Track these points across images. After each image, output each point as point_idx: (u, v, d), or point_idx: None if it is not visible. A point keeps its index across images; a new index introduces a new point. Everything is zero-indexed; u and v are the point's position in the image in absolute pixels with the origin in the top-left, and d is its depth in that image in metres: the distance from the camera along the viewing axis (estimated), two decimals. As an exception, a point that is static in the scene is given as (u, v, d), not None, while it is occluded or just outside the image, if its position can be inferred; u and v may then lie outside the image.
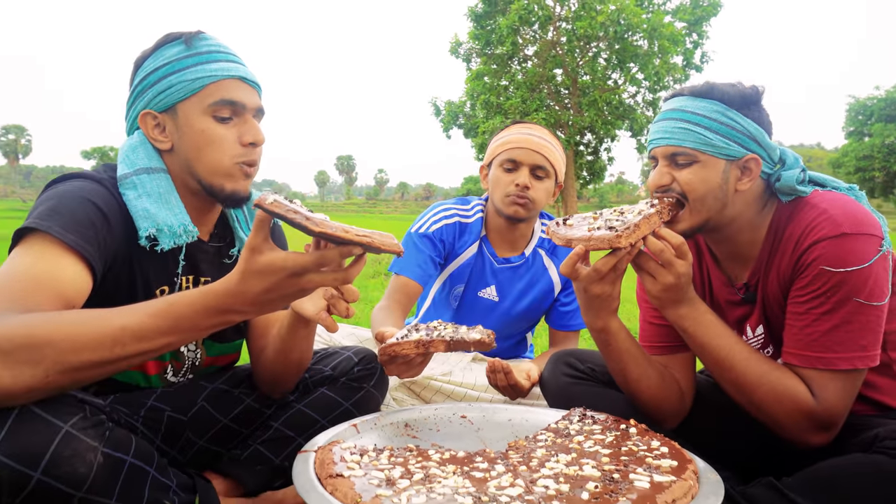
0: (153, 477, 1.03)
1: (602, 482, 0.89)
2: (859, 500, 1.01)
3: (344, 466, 0.94)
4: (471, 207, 1.96)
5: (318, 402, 1.38)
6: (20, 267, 0.97)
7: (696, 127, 1.20)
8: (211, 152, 1.17)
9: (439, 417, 1.29)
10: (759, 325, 1.30)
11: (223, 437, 1.35)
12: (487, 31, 22.28)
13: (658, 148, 1.25)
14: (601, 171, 24.65)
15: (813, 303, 1.14)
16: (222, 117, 1.18)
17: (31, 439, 0.86)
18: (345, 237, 0.86)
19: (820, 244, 1.13)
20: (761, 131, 1.21)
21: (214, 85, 1.17)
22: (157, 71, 1.18)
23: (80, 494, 0.90)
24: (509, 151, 1.82)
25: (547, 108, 21.96)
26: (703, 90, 1.22)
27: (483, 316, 1.93)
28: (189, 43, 1.18)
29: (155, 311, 0.91)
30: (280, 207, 0.85)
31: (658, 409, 1.29)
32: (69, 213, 1.04)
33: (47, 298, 0.94)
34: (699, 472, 0.97)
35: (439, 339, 1.21)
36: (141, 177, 1.16)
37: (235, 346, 1.42)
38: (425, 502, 0.82)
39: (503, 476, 0.92)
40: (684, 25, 21.66)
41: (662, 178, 1.23)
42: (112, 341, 0.88)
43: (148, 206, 1.14)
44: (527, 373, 1.64)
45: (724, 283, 1.34)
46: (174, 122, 1.19)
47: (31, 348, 0.83)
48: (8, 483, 0.86)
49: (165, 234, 1.15)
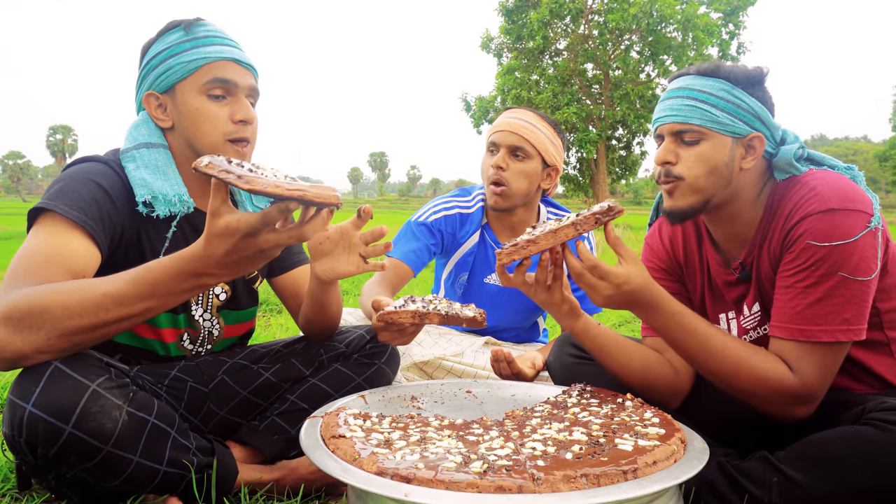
0: (174, 438, 1.11)
1: (587, 445, 0.94)
2: (846, 469, 1.03)
3: (347, 429, 1.01)
4: (472, 198, 2.01)
5: (332, 377, 1.45)
6: (33, 245, 1.08)
7: (703, 104, 1.22)
8: (205, 128, 1.27)
9: (445, 392, 1.35)
10: (755, 304, 1.32)
11: (242, 408, 1.43)
12: (518, 26, 22.16)
13: (664, 125, 1.27)
14: (634, 165, 24.31)
15: (798, 276, 1.16)
16: (216, 95, 1.27)
17: (63, 395, 0.96)
18: (274, 192, 0.87)
19: (807, 219, 1.15)
20: (765, 110, 1.23)
21: (208, 66, 1.27)
22: (159, 55, 1.28)
23: (108, 448, 1.00)
24: (492, 136, 1.89)
25: (578, 102, 21.75)
26: (710, 69, 1.25)
27: (489, 301, 1.98)
28: (188, 29, 1.28)
29: (133, 277, 0.99)
30: (213, 168, 0.90)
31: (649, 394, 1.32)
32: (74, 193, 1.15)
33: (57, 272, 1.04)
34: (686, 440, 1.01)
35: (434, 312, 1.27)
36: (140, 151, 1.27)
37: (250, 314, 1.51)
38: (418, 459, 0.88)
39: (495, 440, 0.98)
40: (720, 16, 21.16)
41: (668, 154, 1.26)
42: (96, 307, 0.97)
43: (145, 175, 1.24)
44: (531, 361, 1.69)
45: (720, 263, 1.37)
46: (173, 101, 1.29)
47: (32, 315, 0.95)
48: (44, 435, 0.96)
49: (160, 201, 1.25)
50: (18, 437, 0.97)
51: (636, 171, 25.26)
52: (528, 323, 2.10)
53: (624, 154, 24.09)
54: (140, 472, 1.06)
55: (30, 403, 0.96)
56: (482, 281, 2.00)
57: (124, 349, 1.33)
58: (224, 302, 1.43)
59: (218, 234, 0.95)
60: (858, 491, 1.03)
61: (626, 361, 1.31)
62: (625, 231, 12.43)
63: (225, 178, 0.89)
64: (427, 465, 0.86)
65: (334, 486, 1.36)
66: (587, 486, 0.81)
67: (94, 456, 1.00)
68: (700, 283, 1.43)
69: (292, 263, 1.52)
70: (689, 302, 1.49)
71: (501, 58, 23.39)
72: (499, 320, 2.02)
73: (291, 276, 1.52)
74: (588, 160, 22.33)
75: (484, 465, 0.85)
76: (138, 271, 1.00)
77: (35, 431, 0.96)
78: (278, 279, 1.53)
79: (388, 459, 0.88)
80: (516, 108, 1.92)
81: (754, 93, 1.23)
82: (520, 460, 0.88)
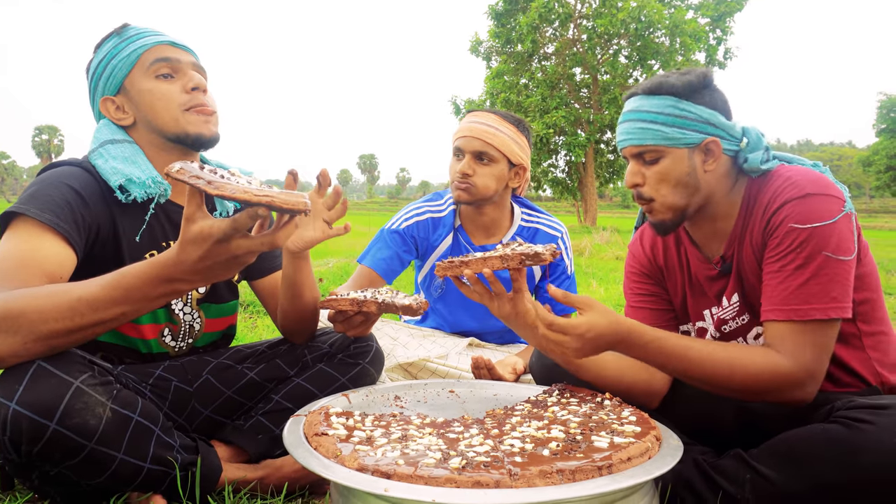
0: (158, 436, 1.12)
1: (564, 443, 0.96)
2: (815, 466, 1.06)
3: (329, 427, 1.02)
4: (444, 202, 2.05)
5: (316, 377, 1.46)
6: (6, 251, 1.09)
7: (652, 124, 1.27)
8: (160, 105, 1.31)
9: (428, 391, 1.37)
10: (734, 294, 1.36)
11: (227, 408, 1.44)
12: (508, 30, 22.27)
13: (625, 149, 1.33)
14: (622, 169, 24.46)
15: (785, 259, 1.20)
16: (163, 74, 1.32)
17: (47, 393, 0.97)
18: (242, 198, 0.88)
19: (787, 205, 1.20)
20: (714, 113, 1.27)
21: (147, 51, 1.32)
22: (101, 62, 1.34)
23: (91, 445, 1.00)
24: (456, 141, 1.92)
25: (567, 106, 21.88)
26: (653, 87, 1.29)
27: (468, 302, 2.01)
28: (119, 32, 1.35)
29: (107, 282, 1.00)
30: (184, 174, 0.91)
31: (626, 398, 1.33)
32: (46, 197, 1.17)
33: (32, 275, 1.06)
34: (661, 437, 1.03)
35: (371, 300, 1.32)
36: (106, 147, 1.31)
37: (232, 307, 1.53)
38: (399, 456, 0.90)
39: (475, 437, 1.00)
40: (707, 21, 21.40)
41: (635, 177, 1.32)
42: (71, 311, 0.98)
43: (115, 164, 1.28)
44: (512, 367, 1.71)
45: (701, 260, 1.40)
46: (127, 96, 1.33)
47: (7, 319, 0.96)
48: (28, 432, 0.96)
49: (135, 184, 1.27)
50: (2, 435, 0.98)
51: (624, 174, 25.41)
52: None
53: (612, 158, 24.24)
54: (124, 469, 1.07)
55: (13, 401, 0.96)
56: (461, 278, 2.02)
57: (106, 347, 1.34)
58: (204, 295, 1.45)
59: (191, 239, 0.96)
60: (827, 487, 1.06)
61: (599, 372, 1.33)
62: (612, 234, 12.49)
63: (195, 183, 0.90)
64: (407, 461, 0.88)
65: (318, 485, 1.37)
66: (562, 482, 0.83)
67: (78, 453, 1.00)
68: (681, 283, 1.47)
69: (273, 267, 1.54)
70: (669, 304, 1.52)
71: (490, 61, 23.49)
72: (480, 321, 2.05)
73: (272, 280, 1.54)
74: (577, 164, 22.45)
75: (462, 462, 0.87)
76: (113, 276, 1.01)
77: (19, 429, 0.96)
78: (259, 282, 1.55)
79: (369, 456, 0.90)
80: (478, 112, 1.95)
81: (700, 99, 1.27)
82: (498, 457, 0.90)
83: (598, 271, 6.82)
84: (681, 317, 1.50)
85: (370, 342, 1.53)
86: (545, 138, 20.55)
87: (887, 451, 0.99)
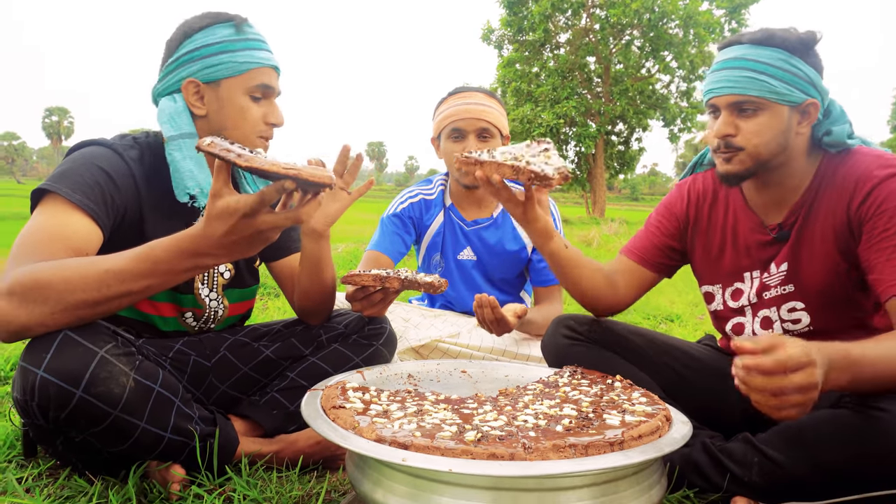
0: (178, 407, 1.15)
1: (577, 420, 0.98)
2: (822, 450, 1.08)
3: (346, 401, 1.05)
4: (433, 185, 2.13)
5: (331, 356, 1.49)
6: (36, 225, 1.12)
7: (761, 75, 1.23)
8: (243, 125, 1.34)
9: (441, 371, 1.39)
10: (783, 263, 1.36)
11: (243, 383, 1.47)
12: (520, 18, 22.12)
13: (721, 97, 1.28)
14: (632, 161, 24.37)
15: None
16: (256, 97, 1.35)
17: (73, 361, 1.00)
18: (270, 169, 0.91)
19: (888, 181, 1.20)
20: (818, 76, 1.26)
21: (256, 70, 1.33)
22: (209, 47, 1.31)
23: (116, 413, 1.04)
24: (454, 122, 1.93)
25: (578, 96, 21.76)
26: (763, 38, 1.25)
27: (467, 276, 2.07)
28: (239, 28, 1.33)
29: (135, 255, 1.03)
30: (215, 147, 0.94)
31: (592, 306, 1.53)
32: (77, 176, 1.19)
33: (59, 249, 1.08)
34: (671, 417, 1.05)
35: (394, 277, 1.34)
36: (186, 140, 1.31)
37: (252, 292, 1.55)
38: (415, 429, 0.92)
39: (489, 413, 1.02)
40: (722, 12, 21.16)
41: (728, 127, 1.28)
42: (98, 283, 1.01)
43: (192, 167, 1.29)
44: (513, 310, 1.75)
45: (756, 223, 1.40)
46: (216, 93, 1.33)
47: (36, 290, 0.99)
48: (55, 398, 1.00)
49: (203, 195, 1.30)
50: (31, 400, 1.01)
51: (634, 166, 25.31)
52: (513, 296, 2.15)
53: (622, 149, 24.13)
54: (146, 438, 1.10)
55: (41, 369, 0.99)
56: (456, 258, 2.09)
57: (126, 322, 1.37)
58: (229, 280, 1.47)
59: (217, 214, 0.98)
60: (835, 471, 1.07)
61: (576, 280, 1.49)
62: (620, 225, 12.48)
63: (225, 156, 0.93)
64: (424, 433, 0.90)
65: (331, 460, 1.40)
66: (575, 456, 0.85)
67: (102, 420, 1.04)
68: (719, 242, 1.47)
69: (290, 248, 1.56)
70: (682, 257, 1.55)
71: (502, 50, 23.35)
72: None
73: (290, 261, 1.56)
74: (586, 155, 22.35)
75: (478, 435, 0.89)
76: (140, 250, 1.03)
77: (47, 395, 1.00)
78: (276, 264, 1.56)
79: (387, 428, 0.92)
80: (465, 93, 1.98)
81: (808, 59, 1.25)
82: (512, 431, 0.92)
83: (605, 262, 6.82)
84: (704, 276, 1.51)
85: (384, 324, 1.55)
86: (555, 128, 20.46)
87: None
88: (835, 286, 1.30)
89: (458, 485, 0.85)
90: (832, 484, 1.08)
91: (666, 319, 3.73)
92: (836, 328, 1.33)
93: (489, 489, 0.84)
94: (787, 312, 1.37)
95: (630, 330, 1.56)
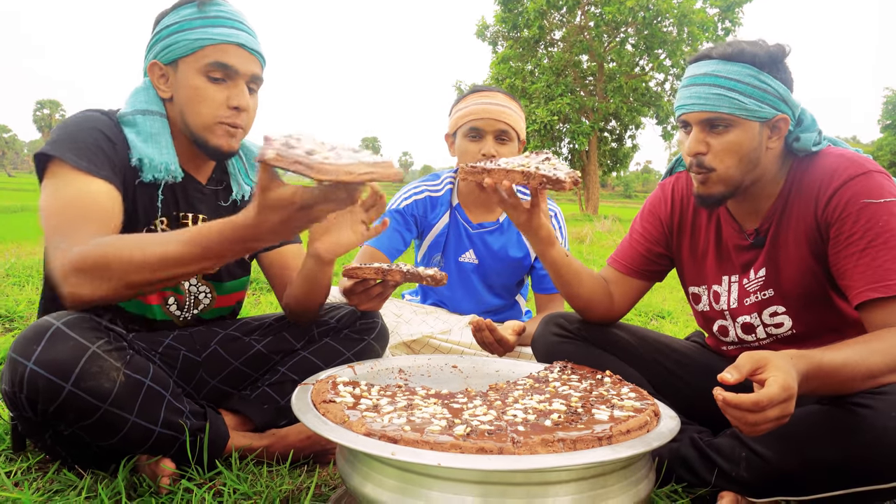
0: (168, 401, 1.15)
1: (566, 415, 0.98)
2: (809, 445, 1.09)
3: (336, 395, 1.05)
4: (440, 181, 2.07)
5: (322, 351, 1.49)
6: (61, 196, 1.13)
7: (731, 92, 1.23)
8: (198, 108, 1.30)
9: (431, 366, 1.39)
10: (762, 269, 1.36)
11: (234, 378, 1.47)
12: (515, 15, 22.11)
13: (692, 114, 1.27)
14: (625, 158, 24.43)
15: (869, 236, 1.17)
16: (214, 78, 1.29)
17: (63, 355, 1.00)
18: (347, 179, 0.89)
19: (851, 182, 1.19)
20: (788, 90, 1.25)
21: (213, 47, 1.28)
22: (169, 27, 1.30)
23: (105, 407, 1.04)
24: (472, 122, 1.90)
25: (572, 93, 21.77)
26: (733, 53, 1.24)
27: (466, 279, 2.04)
28: (201, 6, 1.30)
29: (187, 239, 1.05)
30: (282, 161, 0.90)
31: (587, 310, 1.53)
32: (83, 143, 1.20)
33: (96, 220, 1.12)
34: (660, 412, 1.06)
35: (396, 270, 1.34)
36: (136, 117, 1.31)
37: (243, 283, 1.55)
38: (405, 423, 0.93)
39: (479, 408, 1.02)
40: (716, 11, 21.23)
41: (699, 145, 1.27)
42: (156, 265, 1.06)
43: (137, 143, 1.29)
44: (512, 328, 1.74)
45: (735, 229, 1.41)
46: (175, 75, 1.32)
47: (101, 269, 1.04)
48: (44, 391, 0.99)
49: (146, 167, 1.29)
50: (19, 392, 1.01)
51: (627, 164, 25.37)
52: (509, 301, 2.14)
53: (615, 147, 24.18)
54: (135, 432, 1.10)
55: (31, 361, 0.99)
56: (457, 260, 2.06)
57: (113, 311, 1.36)
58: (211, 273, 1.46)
59: (272, 206, 0.98)
60: (822, 466, 1.08)
61: (576, 290, 1.50)
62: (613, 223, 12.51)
63: (296, 169, 0.90)
64: (413, 427, 0.90)
65: (322, 454, 1.41)
66: (564, 450, 0.86)
67: (92, 414, 1.03)
68: (703, 243, 1.47)
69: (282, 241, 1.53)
70: (670, 262, 1.55)
71: (496, 46, 23.34)
72: (478, 302, 2.07)
73: (280, 254, 1.54)
74: (580, 152, 22.38)
75: (467, 429, 0.89)
76: (191, 234, 1.06)
77: (35, 388, 0.99)
78: (266, 255, 1.54)
79: (376, 422, 0.92)
80: (485, 91, 1.95)
81: (777, 74, 1.24)
82: (501, 426, 0.93)
83: (598, 259, 6.85)
84: (690, 278, 1.51)
85: (376, 319, 1.55)
86: (549, 125, 20.48)
87: (884, 433, 1.01)
88: (813, 288, 1.31)
89: (447, 479, 0.85)
90: (819, 479, 1.09)
91: (657, 316, 3.75)
92: (820, 330, 1.35)
93: (478, 483, 0.85)
94: (770, 317, 1.38)
95: (620, 327, 1.57)
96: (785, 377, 0.95)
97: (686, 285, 1.54)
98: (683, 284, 1.56)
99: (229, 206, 1.47)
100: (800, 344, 1.35)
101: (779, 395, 0.93)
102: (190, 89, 1.29)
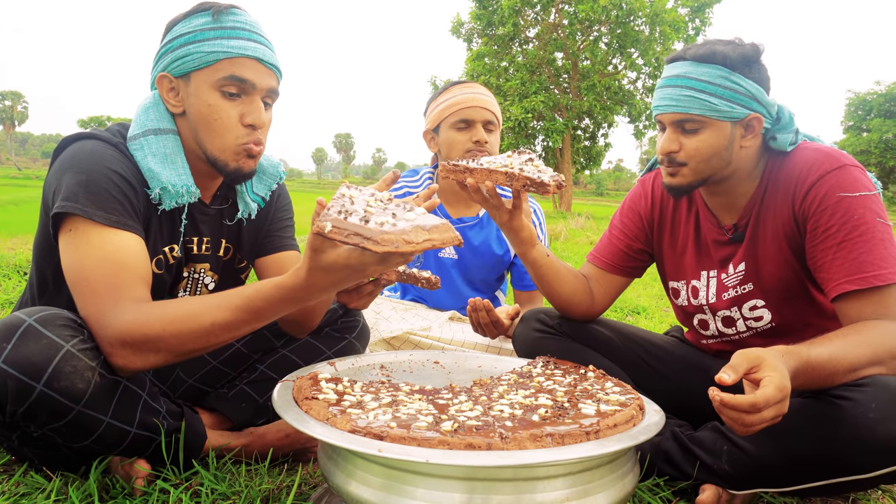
0: (145, 400, 1.12)
1: (552, 409, 0.98)
2: (791, 438, 1.10)
3: (319, 392, 1.03)
4: (419, 177, 2.07)
5: (303, 349, 1.46)
6: (91, 256, 1.08)
7: (701, 94, 1.24)
8: (216, 129, 1.20)
9: (413, 362, 1.38)
10: (741, 263, 1.38)
11: (212, 377, 1.43)
12: (489, 12, 22.14)
13: (665, 115, 1.30)
14: (598, 156, 24.65)
15: (845, 230, 1.18)
16: (230, 93, 1.19)
17: (36, 354, 0.95)
18: (408, 250, 0.87)
19: (827, 176, 1.21)
20: (761, 90, 1.26)
21: (228, 61, 1.18)
22: (181, 38, 1.19)
23: (79, 408, 0.99)
24: (460, 112, 1.90)
25: (546, 91, 21.89)
26: (705, 55, 1.25)
27: (445, 274, 2.04)
28: (216, 16, 1.19)
29: (237, 305, 1.05)
30: (339, 234, 0.87)
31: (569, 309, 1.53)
32: (103, 192, 1.12)
33: (133, 281, 1.08)
34: (644, 406, 1.06)
35: (392, 269, 1.30)
36: (148, 138, 1.21)
37: None
38: (390, 419, 0.91)
39: (465, 403, 1.01)
40: (687, 11, 21.56)
41: (671, 144, 1.30)
42: (207, 334, 1.05)
43: (153, 166, 1.19)
44: (506, 312, 1.75)
45: (713, 224, 1.42)
46: (187, 88, 1.21)
47: (149, 343, 1.04)
48: (13, 392, 0.95)
49: (168, 194, 1.20)
50: (-14, 393, 0.96)
51: (600, 161, 25.61)
52: (488, 296, 2.13)
53: (588, 145, 24.38)
54: (110, 433, 1.06)
55: (0, 360, 0.95)
56: (437, 255, 2.05)
57: None
58: (211, 291, 1.40)
59: (322, 268, 0.96)
60: (803, 458, 1.10)
61: (556, 289, 1.50)
62: (587, 220, 12.62)
63: (357, 242, 0.87)
64: (399, 424, 0.89)
65: (302, 452, 1.38)
66: (552, 445, 0.85)
67: (64, 415, 0.99)
68: (683, 238, 1.48)
69: (279, 246, 1.46)
70: (649, 257, 1.56)
71: (471, 43, 23.35)
72: (459, 299, 2.06)
73: (276, 259, 1.45)
74: (553, 149, 22.53)
75: (454, 425, 0.88)
76: (238, 301, 1.04)
77: (4, 388, 0.95)
78: (262, 260, 1.46)
79: (361, 419, 0.90)
80: (467, 84, 1.97)
81: (750, 74, 1.25)
82: (488, 421, 0.92)
83: (572, 255, 6.90)
84: (670, 273, 1.53)
85: (357, 317, 1.53)
86: (523, 122, 20.56)
87: (864, 426, 1.02)
88: (792, 282, 1.33)
89: (434, 475, 0.84)
90: (800, 470, 1.11)
91: (633, 312, 3.79)
92: (799, 323, 1.37)
93: (464, 479, 0.84)
94: (749, 311, 1.40)
95: (600, 322, 1.57)
96: (780, 377, 0.96)
97: (666, 280, 1.55)
98: (663, 279, 1.57)
99: (234, 225, 1.40)
100: (780, 337, 1.37)
101: (775, 396, 0.94)
102: (204, 107, 1.19)
